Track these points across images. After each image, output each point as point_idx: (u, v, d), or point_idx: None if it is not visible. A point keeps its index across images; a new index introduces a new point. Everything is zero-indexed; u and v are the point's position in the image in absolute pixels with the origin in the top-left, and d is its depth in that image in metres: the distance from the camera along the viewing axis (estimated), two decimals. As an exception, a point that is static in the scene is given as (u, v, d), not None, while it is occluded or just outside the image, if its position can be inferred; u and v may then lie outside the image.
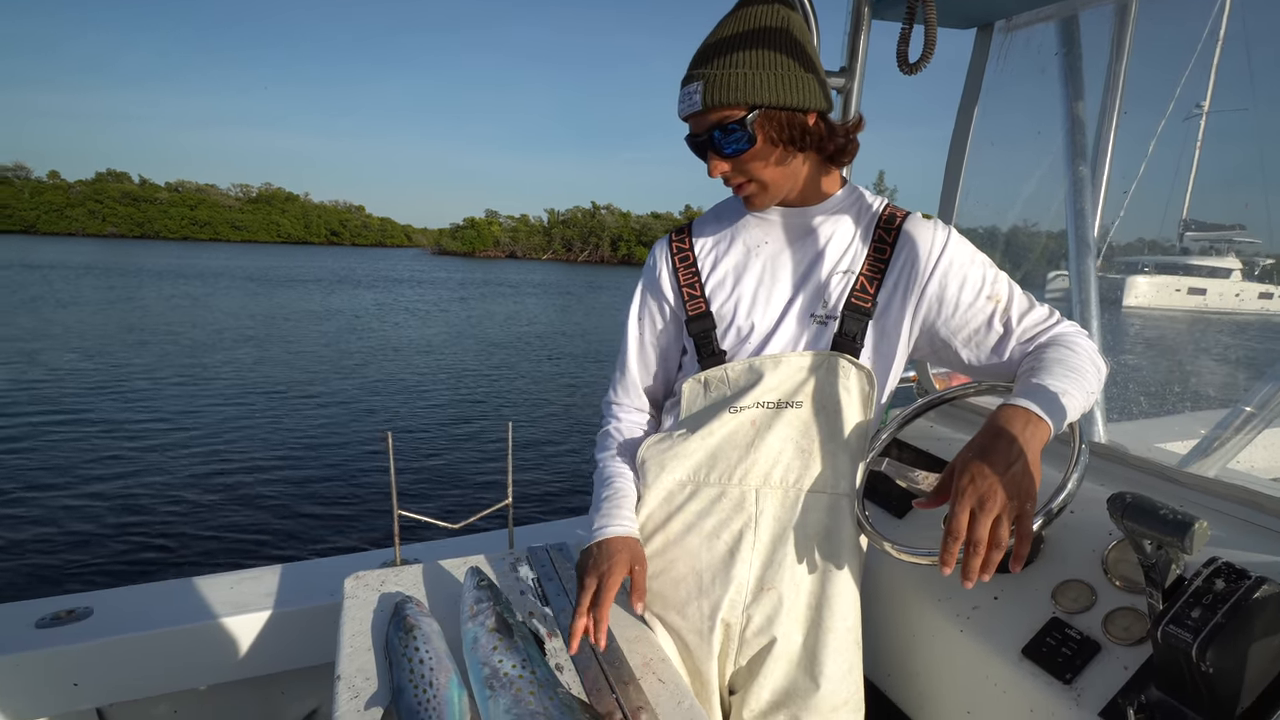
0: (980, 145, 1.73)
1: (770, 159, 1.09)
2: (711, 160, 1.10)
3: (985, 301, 1.13)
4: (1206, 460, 1.28)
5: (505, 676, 0.97)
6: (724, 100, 1.04)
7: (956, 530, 0.89)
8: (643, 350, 1.32)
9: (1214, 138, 1.82)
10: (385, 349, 15.35)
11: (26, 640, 1.46)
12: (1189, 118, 1.80)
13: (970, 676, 1.17)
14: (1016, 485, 0.89)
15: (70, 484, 6.44)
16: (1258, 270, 4.50)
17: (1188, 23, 1.50)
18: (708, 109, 1.05)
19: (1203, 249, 4.39)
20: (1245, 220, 3.85)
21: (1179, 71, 1.64)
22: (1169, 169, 1.72)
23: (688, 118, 1.09)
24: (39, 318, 17.81)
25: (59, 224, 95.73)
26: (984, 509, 0.88)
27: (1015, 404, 0.96)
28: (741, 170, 1.10)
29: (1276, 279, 4.43)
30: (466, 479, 6.98)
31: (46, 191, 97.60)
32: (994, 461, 0.90)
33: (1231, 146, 1.74)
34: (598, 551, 1.15)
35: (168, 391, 10.27)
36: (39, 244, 66.84)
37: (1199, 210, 3.28)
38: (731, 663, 1.21)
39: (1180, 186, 2.34)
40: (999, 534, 0.88)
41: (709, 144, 1.09)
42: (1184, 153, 1.97)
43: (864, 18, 1.61)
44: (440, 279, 43.43)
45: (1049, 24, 1.64)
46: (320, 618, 1.61)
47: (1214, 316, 4.98)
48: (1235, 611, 0.86)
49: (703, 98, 1.04)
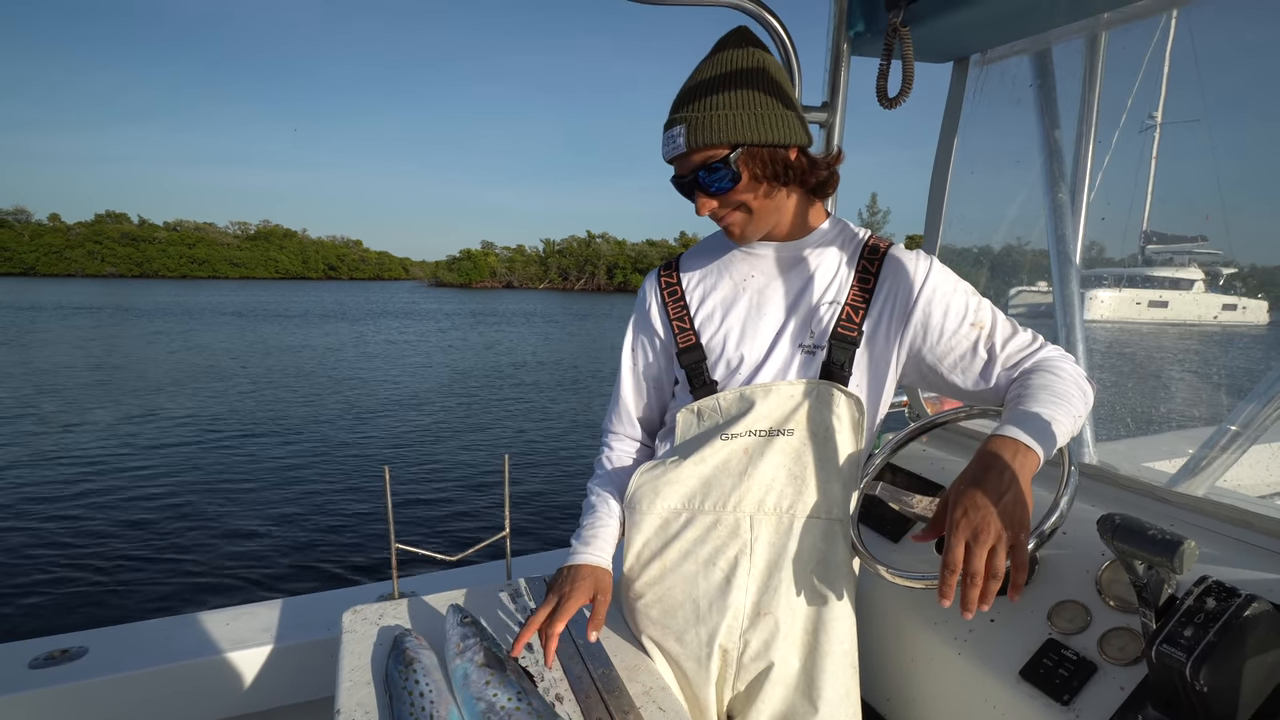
0: (961, 174, 1.78)
1: (755, 194, 1.13)
2: (699, 199, 1.13)
3: (969, 328, 1.16)
4: (1195, 479, 1.30)
5: (502, 710, 0.97)
6: (707, 141, 1.07)
7: (953, 563, 0.90)
8: (637, 381, 1.36)
9: (1172, 150, 1.88)
10: (382, 382, 15.34)
11: (20, 681, 1.44)
12: (1143, 130, 1.85)
13: (969, 699, 1.17)
14: (1010, 515, 0.91)
15: (64, 522, 6.39)
16: (1221, 281, 4.46)
17: (1156, 49, 1.56)
18: (691, 150, 1.08)
19: (1164, 261, 4.38)
20: (1207, 231, 3.84)
21: (1145, 92, 1.70)
22: (1129, 183, 1.78)
23: (672, 160, 1.13)
24: (21, 357, 17.76)
25: (58, 265, 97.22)
26: (979, 541, 0.89)
27: (1004, 434, 0.98)
28: (728, 205, 1.14)
29: (1239, 290, 4.38)
30: (464, 512, 6.94)
31: (46, 234, 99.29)
32: (986, 493, 0.92)
33: (1189, 159, 1.79)
34: (566, 575, 1.20)
35: (161, 428, 10.23)
36: (36, 285, 67.13)
37: (1160, 222, 3.31)
38: (730, 688, 1.21)
39: (1140, 199, 2.40)
40: (995, 564, 0.89)
41: (695, 184, 1.12)
42: (1141, 166, 2.02)
43: (844, 55, 1.67)
44: (432, 311, 43.58)
45: (1023, 57, 1.70)
46: (318, 652, 1.60)
47: (1175, 329, 5.00)
48: (1227, 630, 0.87)
49: (686, 140, 1.08)
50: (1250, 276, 2.35)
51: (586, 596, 1.17)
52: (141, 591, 5.12)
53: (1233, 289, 3.29)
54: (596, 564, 1.22)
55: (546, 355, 21.31)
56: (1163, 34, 1.54)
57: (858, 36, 1.67)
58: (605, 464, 1.37)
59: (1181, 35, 1.53)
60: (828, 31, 1.67)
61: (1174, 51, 1.58)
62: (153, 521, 6.43)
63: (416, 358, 19.92)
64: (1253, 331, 5.07)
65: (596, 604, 1.17)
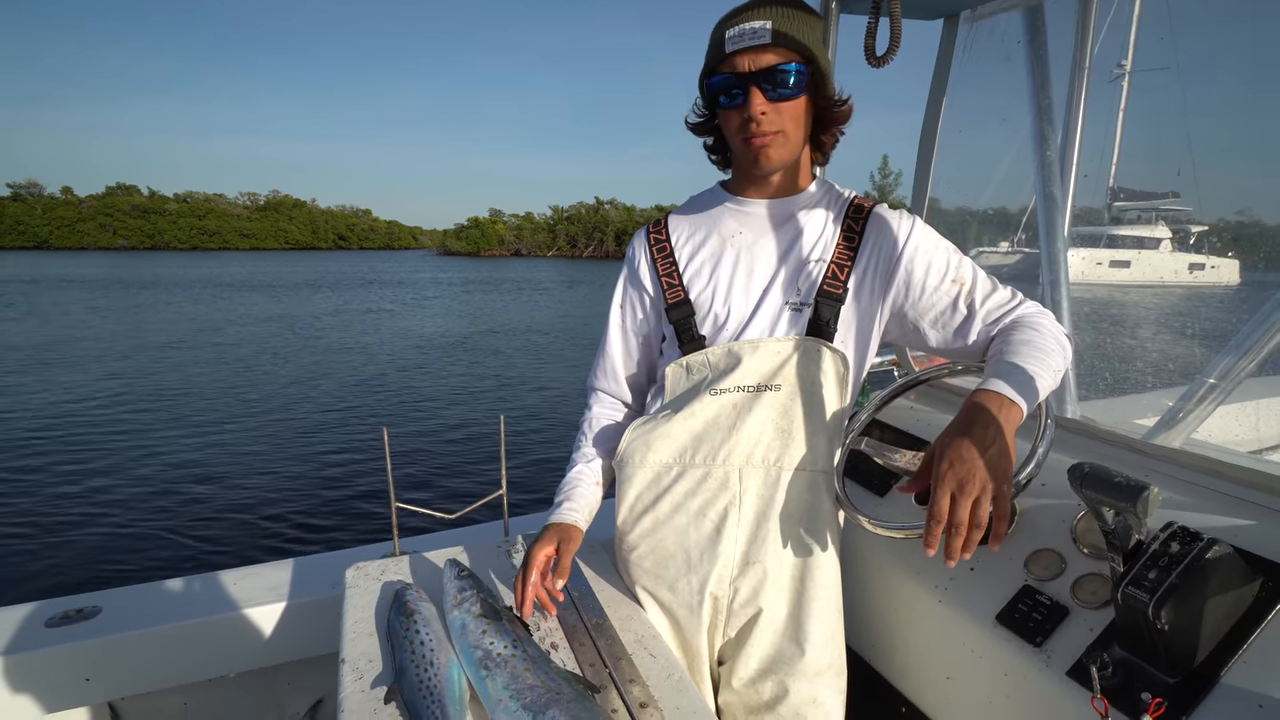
0: (949, 133, 1.78)
1: (803, 118, 1.15)
2: (754, 98, 1.10)
3: (950, 285, 1.18)
4: (1171, 432, 1.33)
5: (499, 656, 1.01)
6: (794, 43, 1.08)
7: (939, 514, 0.93)
8: (625, 337, 1.38)
9: (1141, 102, 1.82)
10: (380, 347, 15.38)
11: (38, 638, 1.50)
12: (1112, 80, 1.81)
13: (948, 644, 1.22)
14: (994, 468, 0.93)
15: (75, 488, 6.48)
16: (1192, 239, 4.25)
17: (1149, 4, 1.54)
18: (775, 44, 1.08)
19: (1132, 219, 4.18)
20: (1178, 187, 3.59)
21: (1118, 45, 1.68)
22: (1100, 136, 1.76)
23: (741, 51, 1.10)
24: (37, 328, 17.77)
25: (71, 239, 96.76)
26: (964, 492, 0.92)
27: (989, 388, 1.01)
28: (777, 117, 1.13)
29: (1208, 248, 4.18)
30: (462, 471, 7.05)
31: (58, 207, 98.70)
32: (973, 445, 0.95)
33: (1159, 110, 1.72)
34: (538, 535, 1.25)
35: (167, 394, 10.29)
36: (50, 259, 66.89)
37: (1129, 178, 3.15)
38: (720, 635, 1.26)
39: (1108, 153, 2.24)
40: (979, 515, 0.92)
41: (760, 80, 1.10)
42: (1110, 118, 1.97)
43: (832, 13, 1.66)
44: (439, 279, 43.41)
45: (1014, 13, 1.69)
46: (323, 609, 1.66)
47: (1137, 290, 4.86)
48: (1189, 572, 0.91)
49: (773, 33, 1.08)
50: (1224, 232, 2.27)
51: (550, 546, 1.21)
52: (152, 554, 5.23)
53: (1203, 247, 3.14)
54: (562, 520, 1.26)
55: (544, 321, 21.31)
56: None
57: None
58: (590, 426, 1.40)
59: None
60: None
61: (1147, 3, 1.56)
62: (162, 486, 6.53)
63: (415, 324, 19.93)
64: (1223, 292, 4.87)
65: (561, 553, 1.22)
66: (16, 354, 13.67)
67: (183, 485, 6.57)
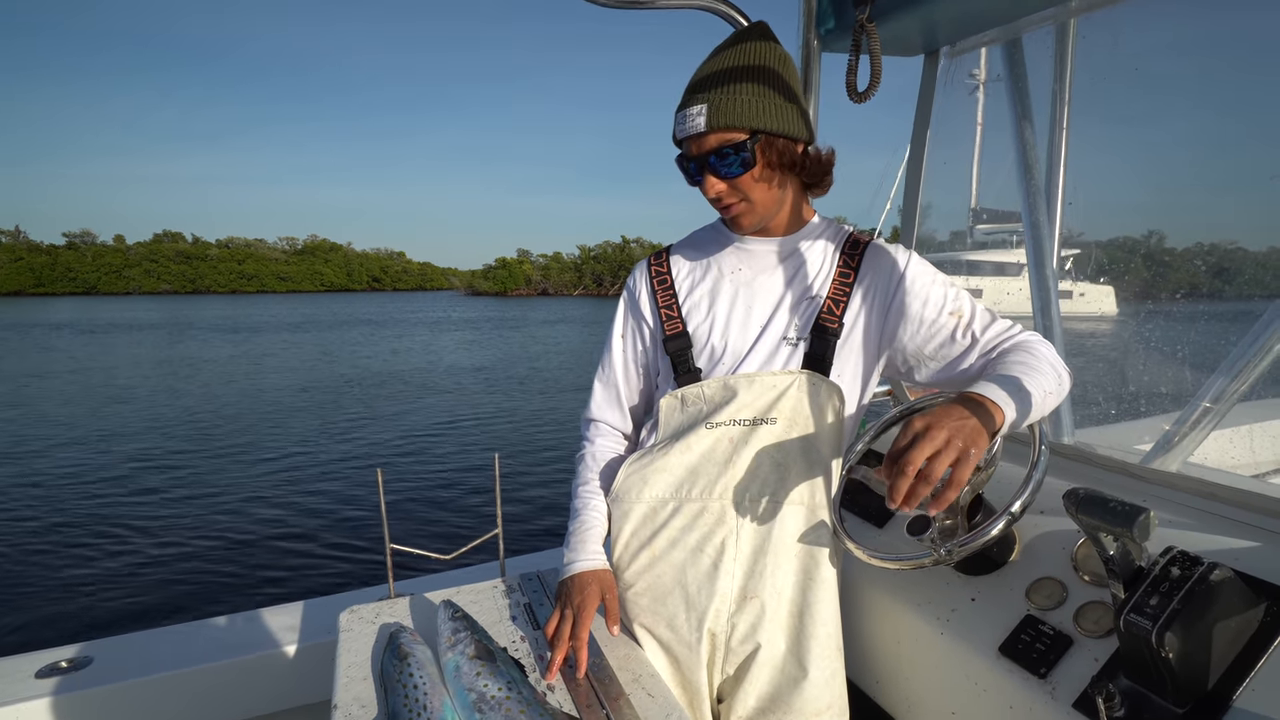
0: (935, 166, 1.81)
1: (765, 183, 1.16)
2: (708, 181, 1.15)
3: (948, 317, 1.19)
4: (1168, 456, 1.33)
5: (493, 699, 0.99)
6: (728, 123, 1.10)
7: (895, 452, 0.92)
8: (624, 366, 1.38)
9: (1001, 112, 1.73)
10: (380, 387, 15.38)
11: (26, 690, 1.47)
12: (970, 93, 1.80)
13: (951, 677, 1.20)
14: (962, 430, 0.92)
15: (67, 533, 6.42)
16: (1069, 265, 3.84)
17: (1124, 34, 1.57)
18: (711, 130, 1.10)
19: (997, 243, 3.92)
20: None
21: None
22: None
23: (687, 139, 1.14)
24: (32, 371, 17.81)
25: (118, 284, 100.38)
26: (926, 437, 0.91)
27: (969, 390, 1.01)
28: (736, 191, 1.16)
29: (1075, 274, 3.70)
30: (458, 512, 6.99)
31: (107, 254, 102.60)
32: (948, 411, 0.95)
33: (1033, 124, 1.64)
34: (570, 585, 1.23)
35: (159, 437, 10.26)
36: (96, 303, 68.29)
37: (993, 198, 2.86)
38: (719, 672, 1.24)
39: (969, 172, 2.03)
40: (934, 466, 0.90)
41: (707, 165, 1.14)
42: (968, 133, 1.89)
43: (814, 52, 1.70)
44: (448, 319, 43.68)
45: (993, 47, 1.73)
46: (317, 655, 1.63)
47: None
48: (1190, 597, 0.90)
49: (706, 120, 1.10)
50: (1098, 257, 2.11)
51: (597, 599, 1.21)
52: (143, 602, 5.16)
53: (1082, 275, 2.77)
54: (594, 566, 1.25)
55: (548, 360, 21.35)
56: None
57: (828, 33, 1.70)
58: (589, 461, 1.39)
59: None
60: (798, 29, 1.71)
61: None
62: (151, 532, 6.46)
63: (439, 365, 20.03)
64: (1095, 324, 4.30)
65: (608, 602, 1.22)
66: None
67: (174, 531, 6.51)
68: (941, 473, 0.91)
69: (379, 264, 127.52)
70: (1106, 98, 1.67)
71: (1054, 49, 1.69)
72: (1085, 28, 1.63)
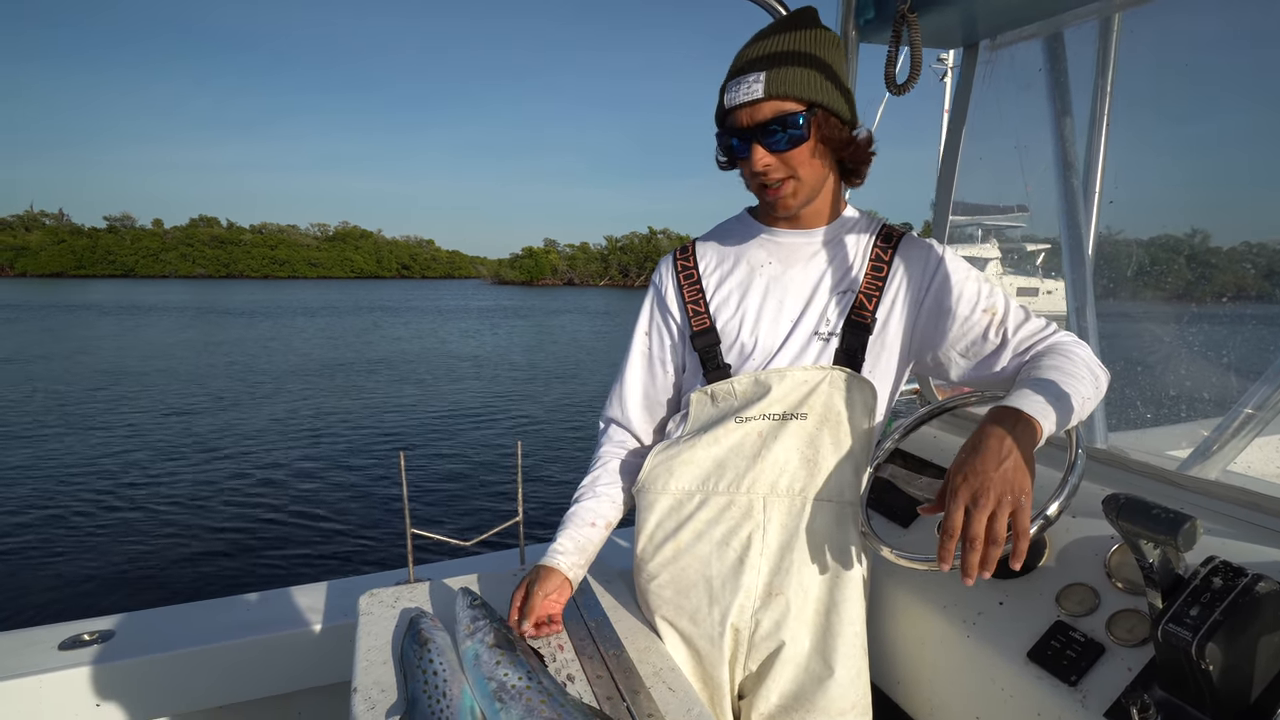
0: (970, 161, 1.77)
1: (816, 159, 1.13)
2: (756, 153, 1.10)
3: (981, 315, 1.16)
4: (1207, 463, 1.29)
5: (513, 688, 0.99)
6: (787, 92, 1.07)
7: (952, 528, 0.91)
8: (650, 364, 1.36)
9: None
10: (404, 373, 15.51)
11: (49, 662, 1.49)
12: (942, 78, 1.77)
13: (977, 681, 1.18)
14: (1008, 481, 0.91)
15: (92, 512, 6.54)
16: (1040, 259, 3.63)
17: (1171, 32, 1.53)
18: (769, 98, 1.07)
19: (966, 237, 3.81)
20: (1028, 202, 3.11)
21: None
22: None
23: (739, 107, 1.10)
24: (54, 349, 18.16)
25: (154, 267, 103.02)
26: (978, 505, 0.89)
27: (1005, 405, 0.99)
28: (785, 166, 1.12)
29: (1043, 270, 3.54)
30: (479, 498, 7.04)
31: (144, 238, 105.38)
32: (986, 459, 0.92)
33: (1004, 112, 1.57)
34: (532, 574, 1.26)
35: (186, 420, 10.42)
36: (134, 286, 70.47)
37: (971, 191, 2.65)
38: (741, 668, 1.23)
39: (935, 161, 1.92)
40: (995, 529, 0.89)
41: (758, 135, 1.10)
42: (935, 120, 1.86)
43: (852, 42, 1.67)
44: (470, 307, 44.01)
45: (1034, 41, 1.69)
46: (337, 636, 1.64)
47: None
48: (1233, 609, 0.87)
49: (765, 87, 1.07)
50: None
51: (521, 589, 1.23)
52: (165, 578, 5.25)
53: (1049, 270, 2.56)
54: (544, 563, 1.26)
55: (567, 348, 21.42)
56: None
57: (867, 24, 1.66)
58: (598, 463, 1.37)
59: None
60: (837, 19, 1.67)
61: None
62: (176, 512, 6.57)
63: (441, 347, 20.17)
64: (1063, 322, 4.26)
65: (529, 595, 1.21)
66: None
67: (198, 508, 6.62)
68: (1004, 531, 0.90)
69: (408, 251, 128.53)
70: (1152, 93, 1.62)
71: (1096, 43, 1.65)
72: (1131, 21, 1.59)
